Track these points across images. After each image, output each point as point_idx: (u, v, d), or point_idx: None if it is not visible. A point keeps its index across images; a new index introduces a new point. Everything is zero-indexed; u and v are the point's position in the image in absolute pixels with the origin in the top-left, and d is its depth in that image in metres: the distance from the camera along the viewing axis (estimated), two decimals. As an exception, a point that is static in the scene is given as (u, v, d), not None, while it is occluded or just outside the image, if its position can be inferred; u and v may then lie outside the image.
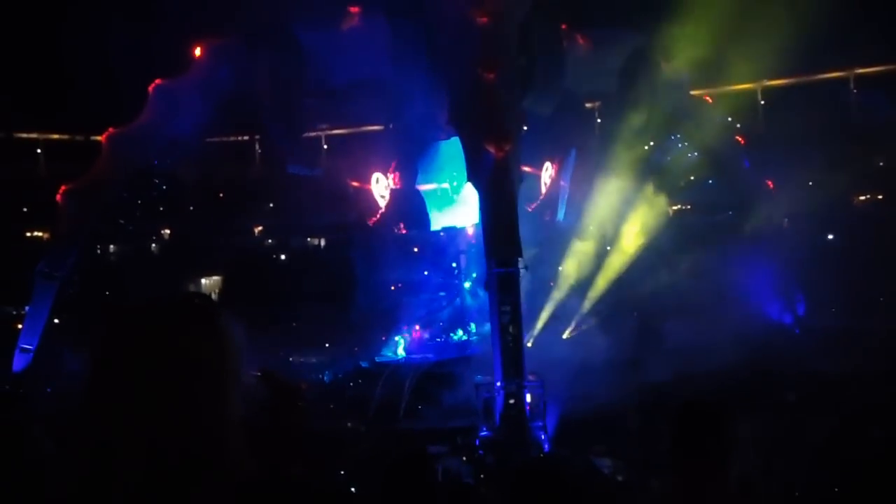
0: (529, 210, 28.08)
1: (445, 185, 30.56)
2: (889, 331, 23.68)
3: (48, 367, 24.24)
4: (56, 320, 25.61)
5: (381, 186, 30.42)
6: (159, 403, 2.15)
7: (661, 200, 29.62)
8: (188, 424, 2.17)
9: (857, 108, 35.07)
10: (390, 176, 30.15)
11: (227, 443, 2.22)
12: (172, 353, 2.20)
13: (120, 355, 2.20)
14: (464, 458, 19.10)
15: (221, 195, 36.74)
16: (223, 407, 2.24)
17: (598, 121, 35.35)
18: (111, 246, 37.12)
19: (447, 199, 30.81)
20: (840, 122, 30.54)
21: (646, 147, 29.01)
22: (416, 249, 29.90)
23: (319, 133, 38.14)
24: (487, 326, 22.05)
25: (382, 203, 30.36)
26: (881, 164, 30.38)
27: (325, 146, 38.59)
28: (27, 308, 25.64)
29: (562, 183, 30.16)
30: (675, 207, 31.60)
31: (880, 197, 33.54)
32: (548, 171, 30.17)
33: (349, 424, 21.50)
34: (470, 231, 29.02)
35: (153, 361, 2.17)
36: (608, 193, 27.83)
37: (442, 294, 29.30)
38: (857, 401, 16.94)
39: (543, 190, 30.06)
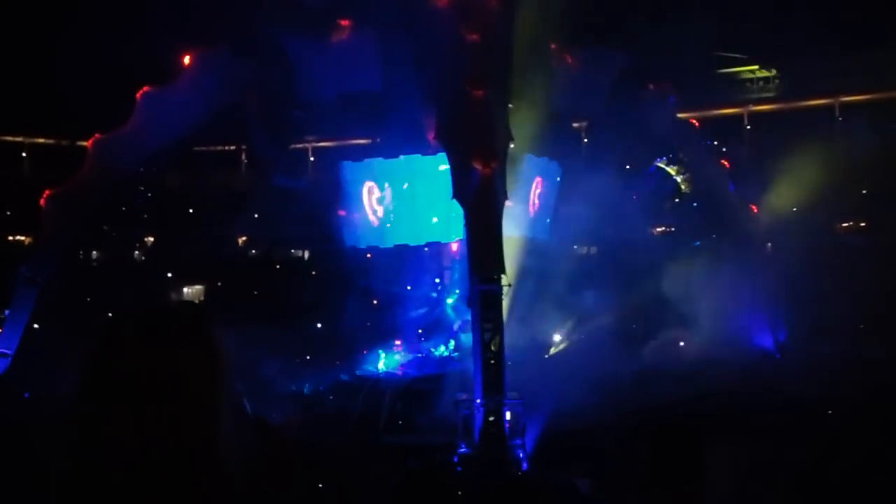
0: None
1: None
2: (869, 359, 23.80)
3: (26, 373, 24.12)
4: (36, 325, 25.46)
5: (374, 199, 30.15)
6: (149, 412, 2.15)
7: (647, 222, 29.77)
8: (178, 434, 2.17)
9: (841, 136, 35.29)
10: (387, 187, 29.89)
11: (217, 453, 2.22)
12: (163, 362, 2.20)
13: (110, 364, 2.20)
14: (443, 475, 19.04)
15: (206, 204, 36.66)
16: (213, 417, 2.24)
17: (585, 140, 35.49)
18: (94, 252, 36.97)
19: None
20: (825, 150, 30.71)
21: (632, 168, 29.19)
22: (401, 262, 29.86)
23: (306, 145, 38.19)
24: (469, 343, 22.01)
25: (374, 217, 30.09)
26: (864, 192, 30.60)
27: (312, 158, 38.64)
28: (7, 312, 25.47)
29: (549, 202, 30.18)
30: (659, 229, 31.74)
31: (863, 225, 33.74)
32: (537, 190, 30.15)
33: (329, 437, 21.40)
34: (454, 247, 28.99)
35: (143, 370, 2.18)
36: (594, 213, 27.88)
37: (425, 309, 29.26)
38: (836, 428, 17.01)
39: (532, 209, 30.02)
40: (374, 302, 27.97)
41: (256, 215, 37.42)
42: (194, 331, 2.28)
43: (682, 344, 24.87)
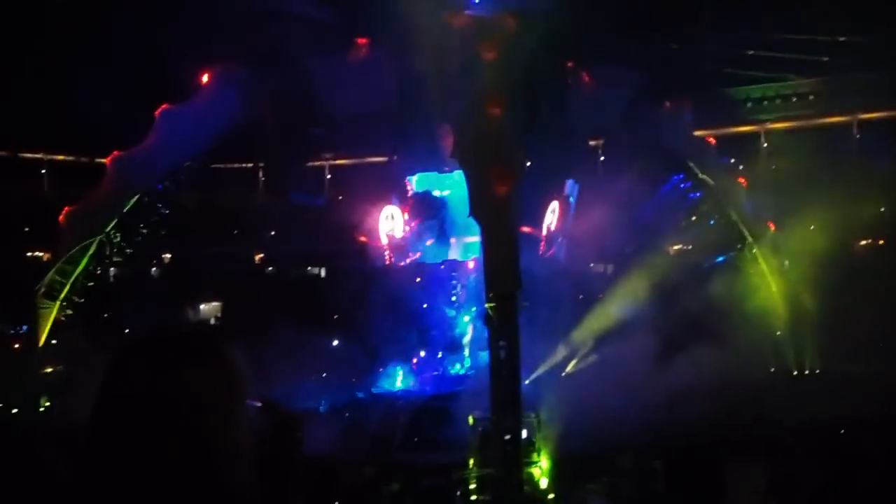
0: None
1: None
2: (888, 376, 23.63)
3: (46, 388, 24.27)
4: (54, 341, 25.57)
5: (398, 224, 30.37)
6: (166, 436, 2.16)
7: (663, 240, 29.73)
8: (195, 458, 2.17)
9: (859, 153, 35.09)
10: (406, 215, 30.16)
11: (234, 475, 2.23)
12: (179, 386, 2.20)
13: (127, 389, 2.21)
14: (458, 494, 19.02)
15: (224, 221, 36.77)
16: (230, 440, 2.24)
17: (602, 158, 35.47)
18: (112, 269, 37.07)
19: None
20: (843, 167, 30.58)
21: (648, 185, 29.17)
22: (417, 279, 29.91)
23: (323, 162, 38.32)
24: (485, 360, 21.97)
25: (384, 241, 30.33)
26: (883, 209, 30.44)
27: (329, 176, 38.75)
28: (24, 328, 25.63)
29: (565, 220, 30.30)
30: (676, 247, 31.64)
31: (881, 242, 33.52)
32: (555, 213, 30.26)
33: (344, 455, 21.39)
34: (470, 264, 29.03)
35: (160, 395, 2.18)
36: (611, 231, 27.87)
37: (440, 327, 29.26)
38: (854, 447, 16.88)
39: (545, 230, 30.14)
40: (390, 319, 27.93)
41: (273, 232, 37.51)
42: (207, 352, 2.29)
43: (700, 362, 24.73)
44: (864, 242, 34.03)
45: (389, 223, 30.65)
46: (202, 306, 35.88)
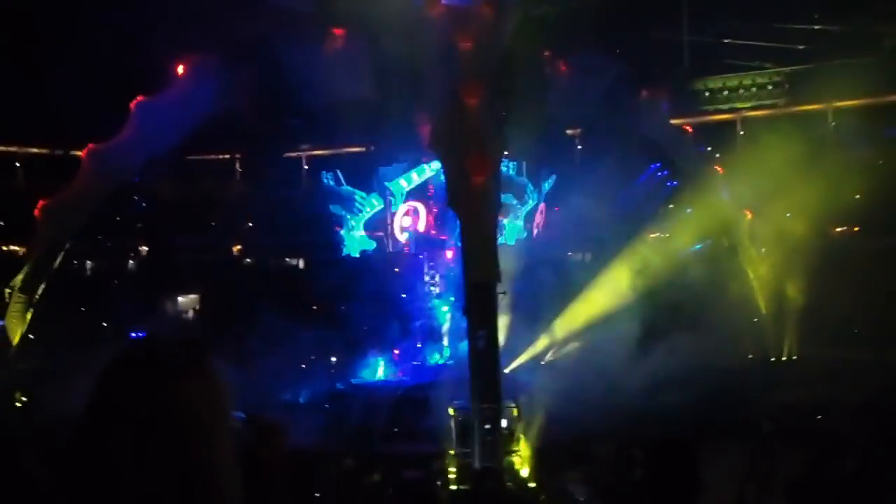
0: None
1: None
2: (864, 362, 23.80)
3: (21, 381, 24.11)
4: (31, 335, 25.39)
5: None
6: (152, 449, 2.14)
7: (642, 228, 29.83)
8: (180, 469, 2.16)
9: (834, 141, 35.30)
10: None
11: (219, 487, 2.22)
12: (166, 400, 2.19)
13: (113, 403, 2.20)
14: (439, 484, 19.01)
15: (201, 213, 36.59)
16: (215, 452, 2.23)
17: (579, 147, 35.55)
18: (88, 261, 36.85)
19: None
20: (818, 154, 30.72)
21: (626, 174, 29.28)
22: (396, 270, 29.90)
23: (301, 153, 38.19)
24: (465, 350, 21.98)
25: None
26: (858, 196, 30.65)
27: (306, 166, 38.62)
28: (2, 322, 25.41)
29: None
30: (654, 235, 31.75)
31: (857, 229, 33.76)
32: (542, 214, 30.34)
33: (324, 446, 21.34)
34: (449, 255, 29.02)
35: (146, 407, 2.17)
36: (589, 219, 27.92)
37: (419, 317, 29.26)
38: (833, 432, 17.00)
39: (535, 231, 30.27)
40: (369, 310, 27.90)
41: (251, 223, 37.39)
42: (194, 366, 2.28)
43: (679, 349, 24.85)
44: (840, 229, 34.27)
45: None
46: (180, 298, 35.73)
